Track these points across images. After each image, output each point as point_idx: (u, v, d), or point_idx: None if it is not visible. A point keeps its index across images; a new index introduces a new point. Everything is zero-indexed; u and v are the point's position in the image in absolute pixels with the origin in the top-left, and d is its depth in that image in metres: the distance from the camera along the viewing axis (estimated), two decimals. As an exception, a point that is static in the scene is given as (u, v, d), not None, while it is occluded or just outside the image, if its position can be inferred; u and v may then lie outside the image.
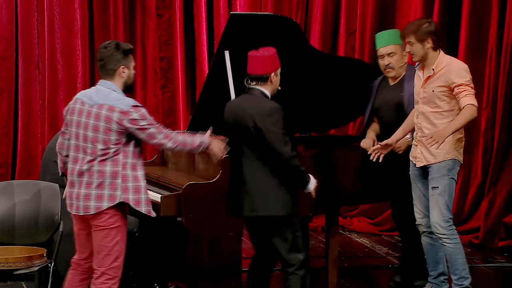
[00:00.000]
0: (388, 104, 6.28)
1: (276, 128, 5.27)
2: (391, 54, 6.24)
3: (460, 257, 5.90)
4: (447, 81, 5.76)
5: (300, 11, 8.86)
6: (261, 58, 5.44)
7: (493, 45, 7.98)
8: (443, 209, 5.83)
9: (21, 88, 8.61)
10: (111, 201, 4.99)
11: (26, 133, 8.63)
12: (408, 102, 6.16)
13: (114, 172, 5.00)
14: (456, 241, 5.89)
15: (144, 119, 4.99)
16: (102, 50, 5.08)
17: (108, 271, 5.05)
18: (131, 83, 5.14)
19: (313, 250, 7.37)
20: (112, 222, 5.02)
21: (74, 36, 8.62)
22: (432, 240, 6.04)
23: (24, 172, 8.53)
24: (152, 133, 5.03)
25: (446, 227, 5.85)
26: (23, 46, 8.61)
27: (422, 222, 6.03)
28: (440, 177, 5.83)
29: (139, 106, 5.03)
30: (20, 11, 8.58)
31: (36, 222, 7.07)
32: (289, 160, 5.28)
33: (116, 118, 4.97)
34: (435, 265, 6.09)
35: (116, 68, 5.06)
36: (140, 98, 8.80)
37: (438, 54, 5.85)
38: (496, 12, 7.97)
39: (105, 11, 8.71)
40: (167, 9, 8.91)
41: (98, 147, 4.99)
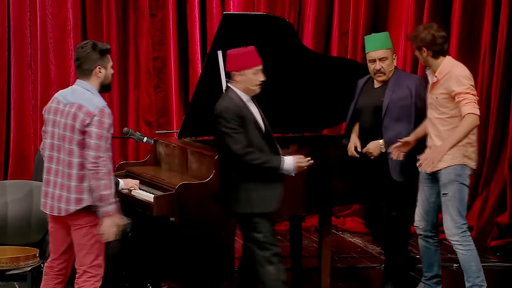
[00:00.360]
0: (368, 106, 6.20)
1: (225, 128, 5.35)
2: (382, 59, 6.15)
3: (473, 264, 5.86)
4: (447, 89, 5.73)
5: (293, 11, 8.85)
6: (231, 55, 5.48)
7: (486, 45, 7.98)
8: (454, 215, 5.80)
9: (14, 88, 8.59)
10: (78, 205, 4.98)
11: (18, 133, 8.61)
12: (387, 108, 6.06)
13: (80, 176, 4.97)
14: (469, 248, 5.85)
15: (98, 128, 4.90)
16: (79, 50, 5.06)
17: (89, 269, 5.03)
18: (108, 83, 5.11)
19: (306, 250, 7.37)
20: (90, 220, 5.00)
21: (66, 36, 8.60)
22: (427, 244, 6.05)
23: (17, 172, 8.52)
24: (90, 144, 4.89)
25: (458, 233, 5.82)
26: (16, 46, 8.59)
27: (419, 225, 6.04)
28: (448, 183, 5.80)
29: (106, 113, 4.94)
30: (13, 10, 8.56)
31: (28, 222, 7.06)
32: (241, 158, 5.33)
33: (81, 118, 4.94)
34: (430, 267, 6.09)
35: (92, 68, 5.04)
36: (134, 98, 8.79)
37: (441, 61, 5.81)
38: (490, 10, 7.98)
39: (98, 11, 8.69)
40: (160, 9, 8.90)
41: (72, 147, 4.97)
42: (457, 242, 5.84)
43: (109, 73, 5.09)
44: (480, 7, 8.03)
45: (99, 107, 4.94)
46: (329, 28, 8.80)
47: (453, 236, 5.83)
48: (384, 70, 6.15)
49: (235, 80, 5.46)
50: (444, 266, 7.27)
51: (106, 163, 4.91)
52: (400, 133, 6.00)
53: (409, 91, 6.07)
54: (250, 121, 5.42)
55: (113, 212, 4.95)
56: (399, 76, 6.18)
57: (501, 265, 7.40)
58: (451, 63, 5.85)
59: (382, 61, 6.14)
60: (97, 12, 8.69)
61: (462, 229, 5.83)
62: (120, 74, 8.75)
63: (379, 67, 6.14)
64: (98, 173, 4.89)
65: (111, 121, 4.96)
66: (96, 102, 4.96)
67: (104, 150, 4.91)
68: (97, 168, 4.89)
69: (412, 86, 6.09)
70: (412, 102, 6.05)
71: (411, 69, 8.32)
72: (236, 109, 5.39)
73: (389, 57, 6.16)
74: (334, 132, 7.95)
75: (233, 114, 5.37)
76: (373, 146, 6.09)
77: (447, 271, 7.16)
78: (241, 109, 5.40)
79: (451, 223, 5.82)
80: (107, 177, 4.90)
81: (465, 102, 5.66)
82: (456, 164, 5.79)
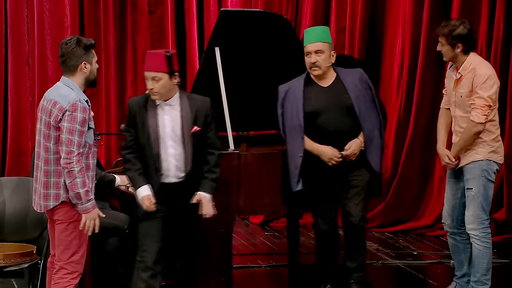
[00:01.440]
0: (330, 107, 5.85)
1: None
2: (318, 52, 5.85)
3: (485, 262, 5.88)
4: (469, 87, 5.74)
5: (290, 8, 8.86)
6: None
7: (483, 43, 8.00)
8: (477, 210, 5.82)
9: (11, 85, 8.61)
10: (56, 200, 4.97)
11: (16, 130, 8.63)
12: (358, 106, 5.84)
13: (58, 171, 4.95)
14: (486, 245, 5.86)
15: (70, 122, 4.88)
16: (63, 47, 5.03)
17: (66, 265, 5.01)
18: (94, 78, 5.08)
19: (303, 247, 7.36)
20: (70, 216, 4.99)
21: (64, 32, 8.60)
22: (455, 241, 6.06)
23: (14, 168, 8.53)
24: (63, 139, 4.87)
25: (479, 228, 5.84)
26: (13, 43, 8.60)
27: (446, 221, 6.05)
28: (473, 179, 5.81)
29: (79, 106, 4.89)
30: (10, 7, 8.57)
31: (25, 219, 7.05)
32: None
33: (55, 114, 4.93)
34: (460, 265, 6.09)
35: (77, 64, 5.01)
36: (132, 94, 8.80)
37: (467, 57, 5.78)
38: (486, 9, 7.99)
39: (95, 7, 8.70)
40: (159, 6, 8.92)
41: (49, 144, 4.97)
42: (476, 237, 5.85)
43: (94, 68, 5.07)
44: (477, 6, 8.04)
45: (71, 102, 4.89)
46: (326, 24, 8.77)
47: (473, 230, 5.84)
48: (319, 64, 5.85)
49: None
50: (441, 263, 7.32)
51: (79, 159, 4.87)
52: (373, 125, 5.90)
53: (365, 84, 5.92)
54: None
55: (91, 208, 4.93)
56: (344, 72, 5.95)
57: (499, 261, 7.40)
58: (476, 59, 5.82)
59: (318, 54, 5.85)
60: (95, 9, 8.70)
61: (484, 225, 5.85)
62: (118, 71, 8.76)
63: (314, 60, 5.84)
64: (71, 171, 4.86)
65: (85, 115, 4.91)
66: (71, 98, 4.92)
67: (77, 145, 4.87)
68: (70, 165, 4.85)
69: (364, 78, 5.93)
70: (373, 94, 5.93)
71: (410, 67, 8.31)
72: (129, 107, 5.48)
73: (326, 52, 5.86)
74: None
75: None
76: (356, 145, 5.86)
77: (444, 267, 7.19)
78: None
79: (473, 218, 5.83)
80: (82, 175, 4.87)
81: (473, 107, 5.72)
82: (481, 160, 5.81)
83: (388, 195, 8.42)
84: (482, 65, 5.82)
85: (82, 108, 4.91)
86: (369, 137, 5.88)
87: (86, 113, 4.93)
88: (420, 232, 8.31)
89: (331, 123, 5.84)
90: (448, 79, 5.97)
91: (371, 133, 5.89)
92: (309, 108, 5.86)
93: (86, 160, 4.95)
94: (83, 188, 4.88)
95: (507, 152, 7.81)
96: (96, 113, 7.06)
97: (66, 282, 4.99)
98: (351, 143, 5.83)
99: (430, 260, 7.42)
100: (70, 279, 5.00)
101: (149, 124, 5.31)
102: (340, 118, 5.84)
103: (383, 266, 7.29)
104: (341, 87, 5.89)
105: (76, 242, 5.00)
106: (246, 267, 7.14)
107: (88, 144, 4.96)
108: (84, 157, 4.94)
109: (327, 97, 5.87)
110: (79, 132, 4.87)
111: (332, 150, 5.82)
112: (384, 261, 7.38)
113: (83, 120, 4.89)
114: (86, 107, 4.95)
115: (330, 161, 5.83)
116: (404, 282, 6.93)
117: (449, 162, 5.88)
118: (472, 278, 5.93)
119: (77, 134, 4.87)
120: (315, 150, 5.85)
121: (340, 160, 5.83)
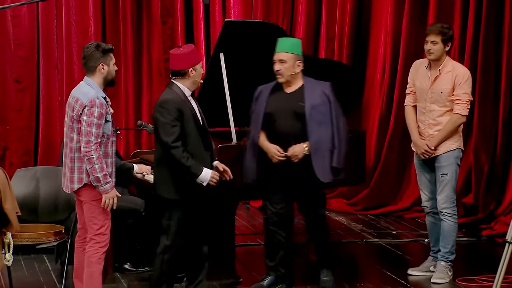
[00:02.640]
0: (285, 111, 5.71)
1: (163, 118, 5.21)
2: (282, 61, 5.68)
3: (454, 234, 6.05)
4: (452, 84, 5.88)
5: (286, 19, 8.86)
6: (179, 55, 5.31)
7: (455, 49, 7.97)
8: (450, 192, 5.99)
9: (42, 86, 8.61)
10: (80, 183, 5.05)
11: (46, 125, 8.63)
12: (310, 115, 5.65)
13: (80, 158, 5.01)
14: (455, 220, 6.05)
15: (88, 116, 4.96)
16: (85, 50, 5.11)
17: (95, 236, 5.11)
18: (111, 78, 5.12)
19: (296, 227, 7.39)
20: (92, 196, 5.06)
21: (88, 40, 8.59)
22: (435, 220, 6.14)
23: (45, 159, 8.53)
24: (82, 131, 4.95)
25: (451, 207, 6.01)
26: (44, 50, 8.60)
27: (427, 204, 6.14)
28: (449, 165, 5.97)
29: (96, 102, 4.96)
30: (41, 19, 8.57)
31: (56, 203, 7.13)
32: (170, 150, 5.19)
33: (77, 109, 5.01)
34: (437, 241, 6.17)
35: (96, 65, 5.06)
36: (147, 96, 8.79)
37: (446, 57, 5.97)
38: (459, 20, 7.99)
39: (116, 18, 8.71)
40: (171, 16, 8.90)
41: (72, 135, 5.04)
42: (448, 214, 6.00)
43: (111, 69, 5.11)
44: (450, 17, 8.06)
45: (89, 98, 4.97)
46: (317, 33, 8.81)
47: (447, 209, 5.99)
48: (281, 72, 5.69)
49: (189, 75, 5.29)
50: (417, 241, 7.37)
51: (97, 147, 4.95)
52: (323, 137, 5.66)
53: (326, 97, 5.70)
54: (189, 115, 5.25)
55: (110, 189, 5.01)
56: (312, 82, 5.77)
57: (466, 239, 7.45)
58: (451, 60, 6.03)
59: (281, 63, 5.69)
60: (115, 20, 8.70)
61: (454, 204, 6.04)
62: (135, 75, 8.76)
63: (277, 68, 5.70)
64: (90, 159, 4.95)
65: (102, 110, 4.97)
66: (91, 95, 4.99)
67: (95, 136, 4.95)
68: (89, 153, 4.94)
69: (328, 92, 5.72)
70: (331, 107, 5.69)
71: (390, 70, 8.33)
72: (177, 102, 5.23)
73: (290, 62, 5.68)
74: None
75: (173, 107, 5.21)
76: (299, 149, 5.65)
77: (419, 245, 7.24)
78: (183, 103, 5.25)
79: (446, 198, 5.98)
80: (100, 161, 4.95)
81: (458, 102, 5.85)
82: (455, 149, 5.98)
83: (371, 182, 8.42)
84: (460, 65, 6.04)
85: (99, 104, 4.98)
86: (315, 147, 5.64)
87: (103, 108, 4.99)
88: (399, 214, 8.30)
89: (283, 126, 5.70)
90: (422, 78, 6.02)
91: (318, 144, 5.65)
92: (269, 109, 5.74)
93: (105, 148, 5.03)
94: (102, 173, 4.96)
95: (475, 144, 7.88)
96: (116, 110, 7.09)
97: (95, 250, 5.10)
98: (294, 146, 5.66)
99: (407, 238, 7.44)
100: (98, 248, 5.11)
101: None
102: (290, 122, 5.68)
103: (366, 244, 7.33)
104: (300, 95, 5.71)
105: (100, 217, 5.09)
106: (247, 245, 7.18)
107: (106, 135, 5.02)
108: (103, 145, 5.02)
109: (285, 102, 5.71)
110: (96, 125, 4.95)
111: (275, 149, 5.67)
112: (368, 240, 7.42)
113: (99, 114, 4.97)
114: (103, 103, 5.01)
115: (273, 158, 5.69)
116: (384, 258, 6.96)
117: (429, 150, 5.97)
118: (443, 250, 6.04)
119: (95, 126, 4.95)
120: (264, 147, 5.73)
121: (282, 159, 5.65)
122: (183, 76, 5.32)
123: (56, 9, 8.60)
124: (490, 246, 7.26)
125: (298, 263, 6.42)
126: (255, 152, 5.76)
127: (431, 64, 5.97)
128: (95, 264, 5.10)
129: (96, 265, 5.10)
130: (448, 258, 6.04)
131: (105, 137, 5.03)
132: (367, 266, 6.91)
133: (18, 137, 8.61)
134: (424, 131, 6.02)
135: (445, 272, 6.02)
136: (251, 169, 5.77)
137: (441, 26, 6.00)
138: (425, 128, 6.00)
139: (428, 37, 5.92)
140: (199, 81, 5.39)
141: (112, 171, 5.08)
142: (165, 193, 5.31)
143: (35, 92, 8.65)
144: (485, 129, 7.83)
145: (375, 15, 8.56)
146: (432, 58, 5.93)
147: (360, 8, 8.58)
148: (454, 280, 6.14)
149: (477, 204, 7.82)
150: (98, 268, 5.11)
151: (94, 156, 4.95)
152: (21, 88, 8.63)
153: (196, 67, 5.33)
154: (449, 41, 5.92)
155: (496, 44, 7.78)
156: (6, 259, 5.37)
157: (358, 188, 8.36)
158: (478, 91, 7.79)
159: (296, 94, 5.75)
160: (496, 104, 7.79)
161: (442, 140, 5.95)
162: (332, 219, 8.27)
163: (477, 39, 7.81)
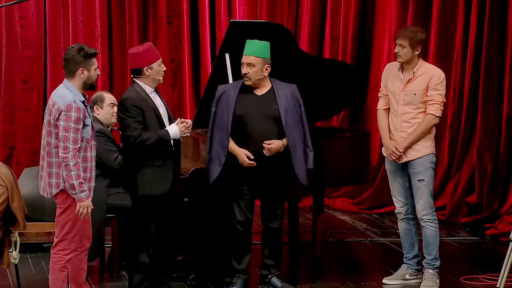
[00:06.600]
0: (257, 114, 5.61)
1: (122, 115, 5.32)
2: (250, 64, 5.58)
3: (437, 240, 5.92)
4: (425, 86, 5.77)
5: (291, 19, 8.87)
6: (135, 54, 5.37)
7: (459, 49, 8.00)
8: (429, 197, 5.84)
9: (49, 86, 8.63)
10: (57, 188, 4.92)
11: (53, 125, 8.65)
12: (285, 118, 5.59)
13: (58, 163, 4.89)
14: (437, 225, 5.90)
15: (65, 121, 4.82)
16: (66, 52, 4.99)
17: (60, 243, 4.99)
18: (91, 83, 4.97)
19: (302, 226, 7.38)
20: (66, 202, 4.94)
21: (94, 41, 8.64)
22: (409, 226, 6.01)
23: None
24: (60, 136, 4.82)
25: (431, 213, 5.86)
26: (51, 50, 8.63)
27: (401, 210, 5.99)
28: (424, 170, 5.82)
29: (73, 107, 4.82)
30: (48, 19, 8.60)
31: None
32: (134, 142, 5.27)
33: (53, 113, 4.88)
34: (411, 247, 6.05)
35: (75, 70, 4.93)
36: (153, 95, 8.83)
37: (419, 60, 5.85)
38: (462, 20, 8.00)
39: (122, 19, 8.73)
40: (177, 17, 8.92)
41: (50, 139, 4.91)
42: (429, 220, 5.87)
43: (92, 74, 4.95)
44: (453, 17, 8.06)
45: (66, 103, 4.83)
46: (322, 33, 8.82)
47: (427, 215, 5.85)
48: (249, 76, 5.58)
49: (145, 74, 5.35)
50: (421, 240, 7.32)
51: (75, 154, 4.82)
52: (298, 139, 5.63)
53: (296, 100, 5.67)
54: (149, 111, 5.33)
55: (85, 198, 4.87)
56: (280, 84, 5.69)
57: (470, 238, 7.44)
58: (425, 62, 5.92)
59: (249, 67, 5.59)
60: (122, 21, 8.72)
61: (433, 209, 5.90)
62: (142, 74, 8.78)
63: (245, 72, 5.60)
64: (67, 165, 4.81)
65: (79, 114, 4.83)
66: (67, 99, 4.85)
67: (73, 141, 4.82)
68: (66, 159, 4.80)
69: (297, 94, 5.69)
70: (301, 110, 5.67)
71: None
72: (136, 100, 5.31)
73: (258, 66, 5.58)
74: (327, 124, 8.01)
75: (131, 104, 5.29)
76: (276, 144, 5.57)
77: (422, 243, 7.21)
78: (142, 101, 5.33)
79: (425, 205, 5.84)
80: (76, 168, 4.82)
81: (431, 103, 5.75)
82: (429, 153, 5.86)
83: (376, 181, 8.41)
84: (434, 68, 5.91)
85: (76, 108, 4.83)
86: (294, 148, 5.61)
87: (81, 112, 4.85)
88: (403, 213, 8.32)
89: (257, 130, 5.58)
90: (394, 81, 5.89)
91: (296, 146, 5.62)
92: (239, 112, 5.59)
93: (84, 153, 4.91)
94: (77, 180, 4.83)
95: (478, 143, 7.86)
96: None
97: (59, 257, 4.99)
98: (273, 140, 5.57)
99: (411, 237, 7.46)
100: (63, 255, 4.98)
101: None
102: (265, 126, 5.58)
103: (371, 243, 7.33)
104: (272, 98, 5.62)
105: (70, 224, 4.95)
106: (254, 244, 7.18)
107: (85, 139, 4.89)
108: (83, 150, 4.89)
109: (257, 105, 5.60)
110: (74, 130, 4.81)
111: (244, 155, 5.57)
112: (372, 239, 7.41)
113: (77, 118, 4.82)
114: (81, 107, 4.87)
115: (243, 163, 5.59)
116: (388, 256, 6.94)
117: (396, 152, 5.85)
118: (428, 257, 5.91)
119: (72, 131, 4.81)
120: (234, 151, 5.60)
121: (251, 164, 5.56)
122: (140, 75, 5.38)
123: (63, 9, 8.63)
124: (494, 245, 7.24)
125: (302, 262, 6.41)
126: (223, 155, 5.59)
127: (404, 67, 5.87)
128: (57, 272, 4.98)
129: (58, 273, 4.98)
130: (435, 265, 5.95)
131: (84, 142, 4.89)
132: (372, 265, 6.89)
133: (25, 137, 8.63)
134: (396, 134, 5.91)
135: (433, 280, 5.94)
136: (216, 172, 5.62)
137: (409, 30, 5.90)
138: (397, 131, 5.90)
139: (397, 40, 5.85)
140: (158, 78, 5.42)
141: (91, 176, 4.95)
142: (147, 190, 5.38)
143: (42, 92, 8.68)
144: (488, 128, 7.81)
145: (379, 15, 8.56)
146: (401, 61, 5.86)
147: (365, 8, 8.58)
148: (459, 279, 6.11)
149: (480, 204, 7.79)
150: (61, 276, 4.98)
151: (71, 162, 4.81)
152: (29, 88, 8.66)
153: (153, 65, 5.36)
154: (418, 45, 5.79)
155: (500, 43, 7.77)
156: (13, 257, 5.36)
157: (363, 187, 8.35)
158: (481, 90, 7.78)
159: (267, 96, 5.65)
160: (499, 103, 7.78)
161: (414, 141, 5.79)
162: (337, 218, 8.27)
163: (480, 38, 7.80)
